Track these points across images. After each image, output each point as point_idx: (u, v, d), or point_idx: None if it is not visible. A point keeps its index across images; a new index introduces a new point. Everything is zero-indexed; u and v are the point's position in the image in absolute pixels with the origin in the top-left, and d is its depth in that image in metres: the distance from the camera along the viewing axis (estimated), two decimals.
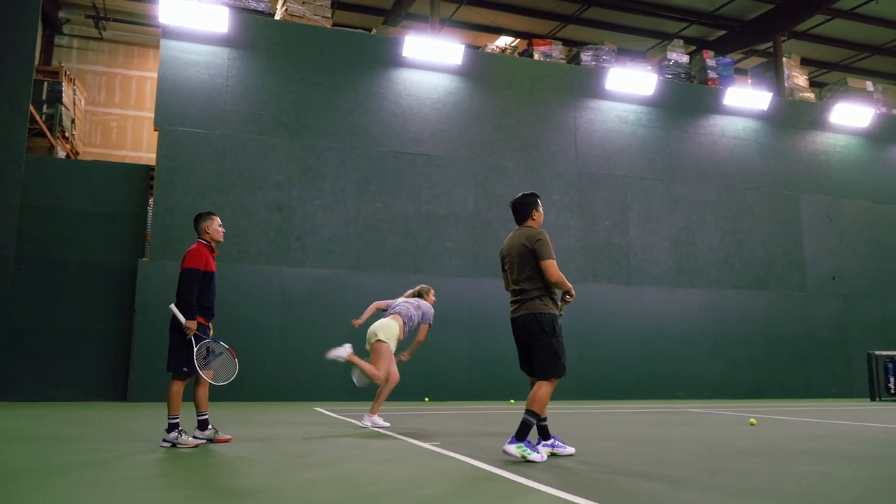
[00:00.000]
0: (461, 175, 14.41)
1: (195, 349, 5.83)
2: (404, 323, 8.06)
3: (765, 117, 16.89)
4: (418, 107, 14.40)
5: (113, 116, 18.67)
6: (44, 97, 14.63)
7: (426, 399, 13.25)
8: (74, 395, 12.04)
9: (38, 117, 13.60)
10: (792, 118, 17.19)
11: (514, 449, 4.74)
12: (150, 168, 13.44)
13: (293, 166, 13.44)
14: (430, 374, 13.39)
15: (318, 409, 10.85)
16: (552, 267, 5.09)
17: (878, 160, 17.85)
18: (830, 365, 16.38)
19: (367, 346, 8.05)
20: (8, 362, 11.81)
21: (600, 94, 15.66)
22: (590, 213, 15.14)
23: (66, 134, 15.25)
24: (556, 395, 14.43)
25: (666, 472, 4.45)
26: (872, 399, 14.78)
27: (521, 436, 4.80)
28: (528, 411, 4.89)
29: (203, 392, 6.10)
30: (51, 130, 14.39)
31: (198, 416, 6.08)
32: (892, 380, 14.83)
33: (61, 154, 14.99)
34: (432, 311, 8.40)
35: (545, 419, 5.16)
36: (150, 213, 13.17)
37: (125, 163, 14.99)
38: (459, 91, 14.74)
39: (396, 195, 13.95)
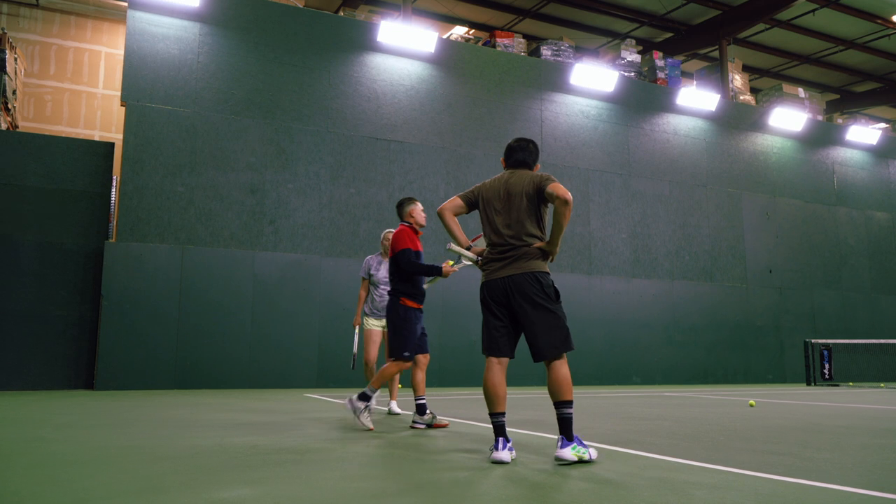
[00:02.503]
0: (433, 163, 14.44)
1: (417, 330, 5.76)
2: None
3: (712, 118, 17.77)
4: (392, 93, 14.31)
5: (47, 89, 17.50)
6: None
7: (399, 385, 13.21)
8: (35, 383, 11.29)
9: None
10: (735, 119, 18.17)
11: (570, 452, 3.82)
12: (115, 145, 12.75)
13: (266, 148, 13.08)
14: None
15: (308, 395, 10.67)
16: (563, 188, 3.89)
17: (809, 162, 19.13)
18: (767, 352, 17.46)
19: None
20: None
21: (565, 88, 16.04)
22: None
23: (9, 105, 14.22)
24: (517, 381, 14.90)
25: (763, 445, 4.68)
26: (808, 384, 15.90)
27: (570, 434, 3.87)
28: (562, 403, 3.86)
29: (421, 376, 6.02)
30: None
31: (416, 400, 5.90)
32: (826, 366, 15.99)
33: (2, 126, 13.98)
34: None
35: (503, 414, 3.98)
36: (114, 193, 12.52)
37: (88, 139, 14.15)
38: (432, 79, 14.75)
39: (370, 181, 13.82)
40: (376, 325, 7.56)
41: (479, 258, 4.10)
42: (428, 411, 5.75)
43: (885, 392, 12.99)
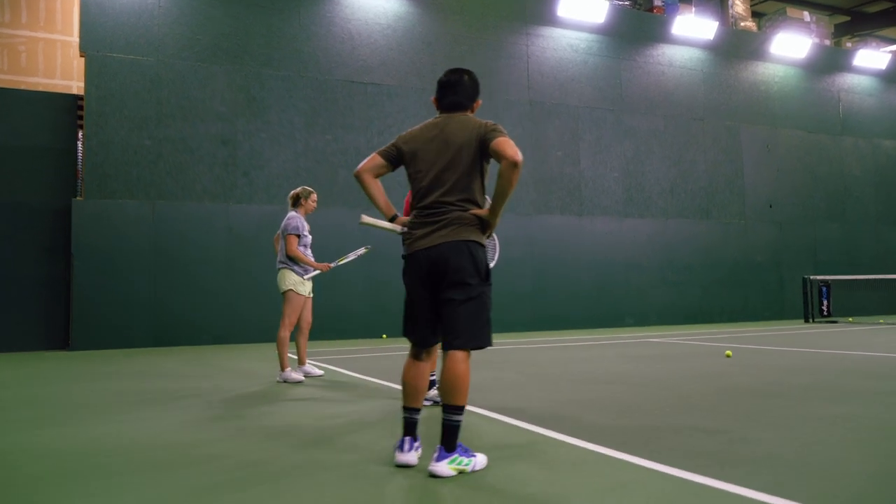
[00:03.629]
0: (413, 105, 13.87)
1: None
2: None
3: (710, 47, 16.92)
4: (367, 32, 13.66)
5: (21, 39, 16.92)
6: None
7: (384, 336, 13.05)
8: (8, 345, 11.18)
9: None
10: (735, 48, 17.30)
11: (447, 467, 3.08)
12: (79, 98, 12.31)
13: (236, 96, 12.58)
14: (387, 311, 13.14)
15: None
16: (513, 145, 3.20)
17: (813, 91, 18.28)
18: (765, 289, 17.06)
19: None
20: None
21: (552, 21, 15.26)
22: (542, 143, 14.94)
23: None
24: (508, 328, 14.65)
25: (700, 421, 4.36)
26: (806, 321, 15.56)
27: (450, 444, 3.12)
28: (451, 407, 3.13)
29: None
30: None
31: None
32: (825, 303, 15.61)
33: None
34: (293, 220, 6.62)
35: (418, 410, 3.35)
36: (80, 149, 12.16)
37: (49, 92, 13.65)
38: (409, 16, 14.04)
39: (347, 127, 13.33)
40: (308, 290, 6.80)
41: (405, 229, 3.35)
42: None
43: (880, 330, 12.63)
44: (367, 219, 3.58)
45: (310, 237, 6.89)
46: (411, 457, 3.25)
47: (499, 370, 7.27)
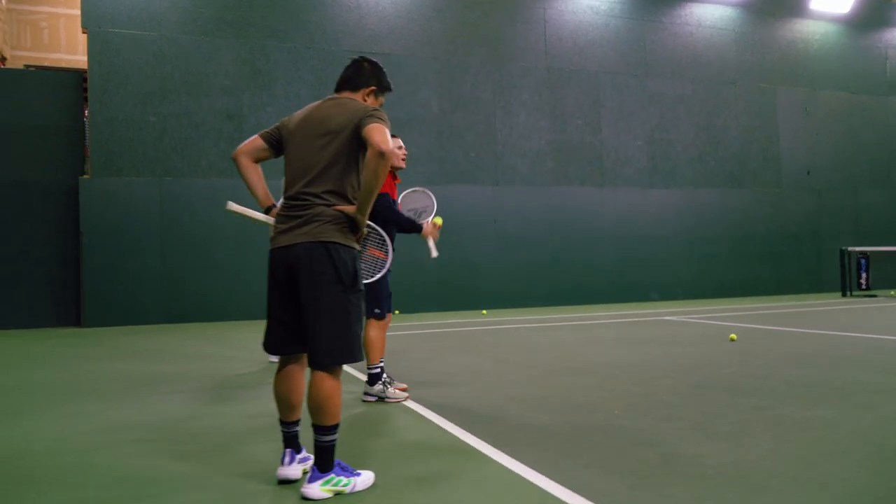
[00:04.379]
0: (424, 75, 13.45)
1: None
2: None
3: (742, 4, 15.96)
4: (375, 0, 13.23)
5: (42, 15, 16.99)
6: None
7: (396, 311, 12.85)
8: (24, 322, 11.35)
9: None
10: (770, 5, 16.28)
11: (319, 489, 2.78)
12: (84, 74, 12.26)
13: (241, 69, 12.36)
14: (398, 286, 12.89)
15: None
16: (384, 133, 2.77)
17: (857, 48, 17.15)
18: (802, 261, 16.26)
19: None
20: None
21: None
22: (561, 112, 14.37)
23: None
24: (525, 302, 14.26)
25: (653, 425, 3.99)
26: (843, 294, 14.77)
27: (324, 465, 2.81)
28: (320, 428, 2.81)
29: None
30: None
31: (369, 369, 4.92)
32: (863, 275, 14.79)
33: None
34: None
35: (295, 423, 3.02)
36: (87, 126, 12.13)
37: (54, 70, 13.67)
38: None
39: None
40: None
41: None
42: (380, 382, 4.80)
43: None
44: (234, 206, 3.19)
45: None
46: (293, 470, 2.97)
47: (477, 355, 6.96)
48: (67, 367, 6.84)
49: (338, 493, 2.80)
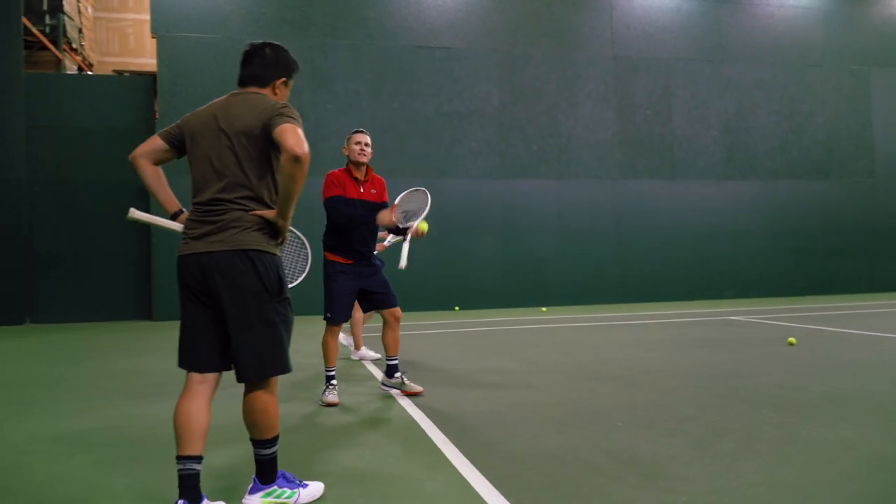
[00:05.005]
0: (484, 68, 13.23)
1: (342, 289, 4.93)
2: None
3: None
4: None
5: (128, 22, 17.81)
6: (44, 7, 13.90)
7: (456, 308, 12.74)
8: (101, 315, 11.97)
9: (34, 30, 12.95)
10: None
11: (260, 501, 2.69)
12: (154, 79, 12.74)
13: (301, 68, 12.39)
14: (460, 282, 12.84)
15: None
16: (298, 135, 2.56)
17: None
18: None
19: None
20: (34, 286, 11.76)
21: None
22: (628, 102, 13.82)
23: (74, 45, 14.59)
24: (591, 300, 13.80)
25: (650, 439, 3.70)
26: None
27: (266, 476, 2.71)
28: (263, 442, 2.68)
29: (391, 334, 5.02)
30: (55, 43, 13.75)
31: (387, 360, 5.07)
32: None
33: (72, 67, 14.41)
34: None
35: (194, 460, 2.62)
36: (156, 127, 12.60)
37: (127, 75, 14.29)
38: None
39: (415, 94, 12.93)
40: None
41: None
42: (398, 374, 4.91)
43: None
44: (136, 213, 3.04)
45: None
46: None
47: (509, 357, 6.73)
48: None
49: None
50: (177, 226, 2.92)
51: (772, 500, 2.73)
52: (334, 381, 4.84)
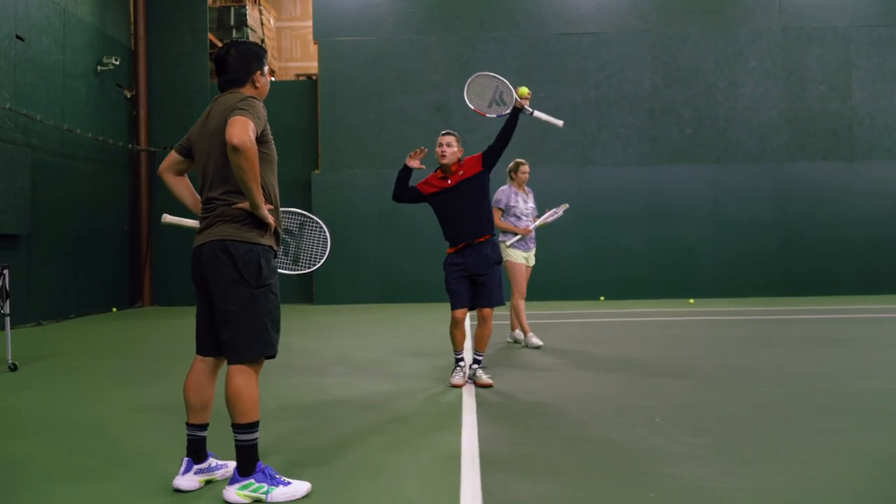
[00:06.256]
0: (635, 51, 12.80)
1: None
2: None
3: None
4: None
5: (308, 30, 19.29)
6: (232, 23, 15.55)
7: (601, 298, 12.54)
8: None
9: (220, 44, 14.55)
10: None
11: (235, 493, 2.78)
12: (316, 82, 13.81)
13: (450, 64, 12.92)
14: (606, 272, 12.62)
15: None
16: (241, 125, 2.68)
17: None
18: None
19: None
20: None
21: None
22: (798, 77, 12.67)
23: None
24: (748, 292, 12.78)
25: (675, 439, 3.54)
26: None
27: (245, 468, 2.81)
28: (239, 426, 2.82)
29: (480, 330, 5.23)
30: None
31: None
32: None
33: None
34: (497, 194, 6.90)
35: (199, 427, 3.00)
36: (319, 127, 13.67)
37: (294, 80, 15.54)
38: None
39: (561, 81, 12.84)
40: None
41: None
42: (474, 366, 5.03)
43: None
44: (168, 218, 3.40)
45: (525, 205, 6.93)
46: (186, 481, 2.90)
47: (561, 355, 6.47)
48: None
49: (256, 501, 2.77)
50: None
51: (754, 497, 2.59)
52: (462, 363, 5.08)
